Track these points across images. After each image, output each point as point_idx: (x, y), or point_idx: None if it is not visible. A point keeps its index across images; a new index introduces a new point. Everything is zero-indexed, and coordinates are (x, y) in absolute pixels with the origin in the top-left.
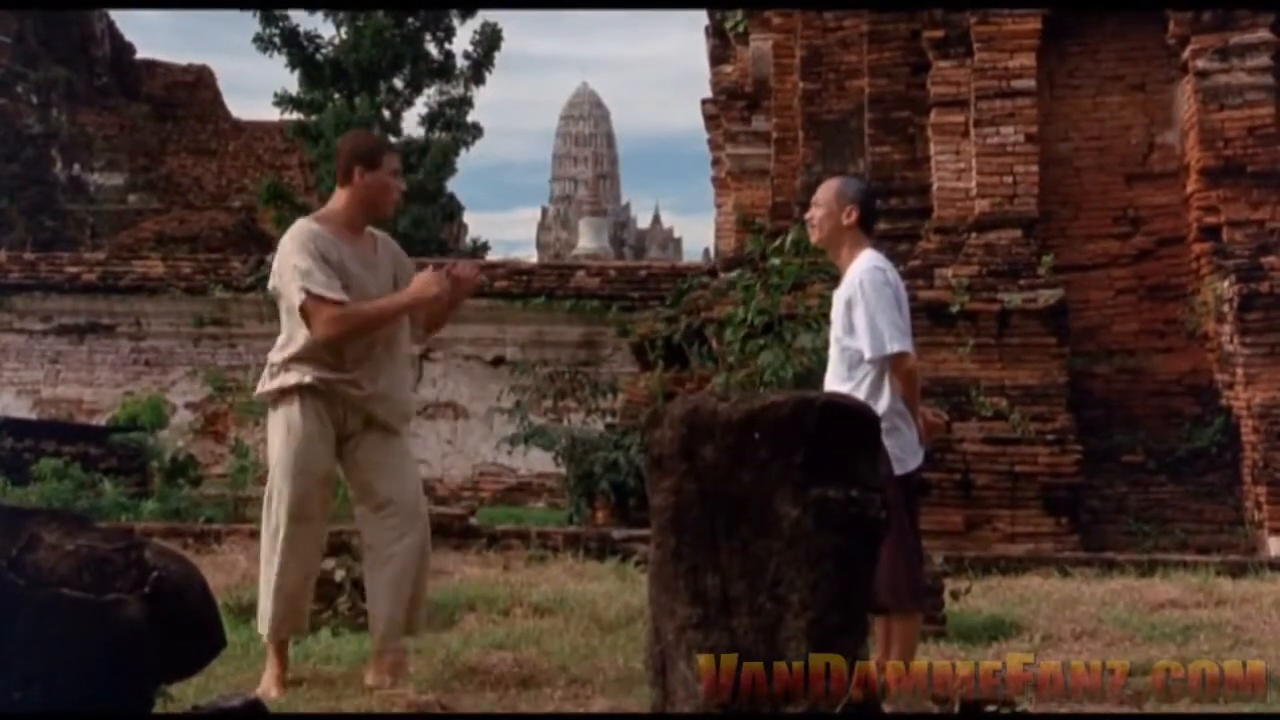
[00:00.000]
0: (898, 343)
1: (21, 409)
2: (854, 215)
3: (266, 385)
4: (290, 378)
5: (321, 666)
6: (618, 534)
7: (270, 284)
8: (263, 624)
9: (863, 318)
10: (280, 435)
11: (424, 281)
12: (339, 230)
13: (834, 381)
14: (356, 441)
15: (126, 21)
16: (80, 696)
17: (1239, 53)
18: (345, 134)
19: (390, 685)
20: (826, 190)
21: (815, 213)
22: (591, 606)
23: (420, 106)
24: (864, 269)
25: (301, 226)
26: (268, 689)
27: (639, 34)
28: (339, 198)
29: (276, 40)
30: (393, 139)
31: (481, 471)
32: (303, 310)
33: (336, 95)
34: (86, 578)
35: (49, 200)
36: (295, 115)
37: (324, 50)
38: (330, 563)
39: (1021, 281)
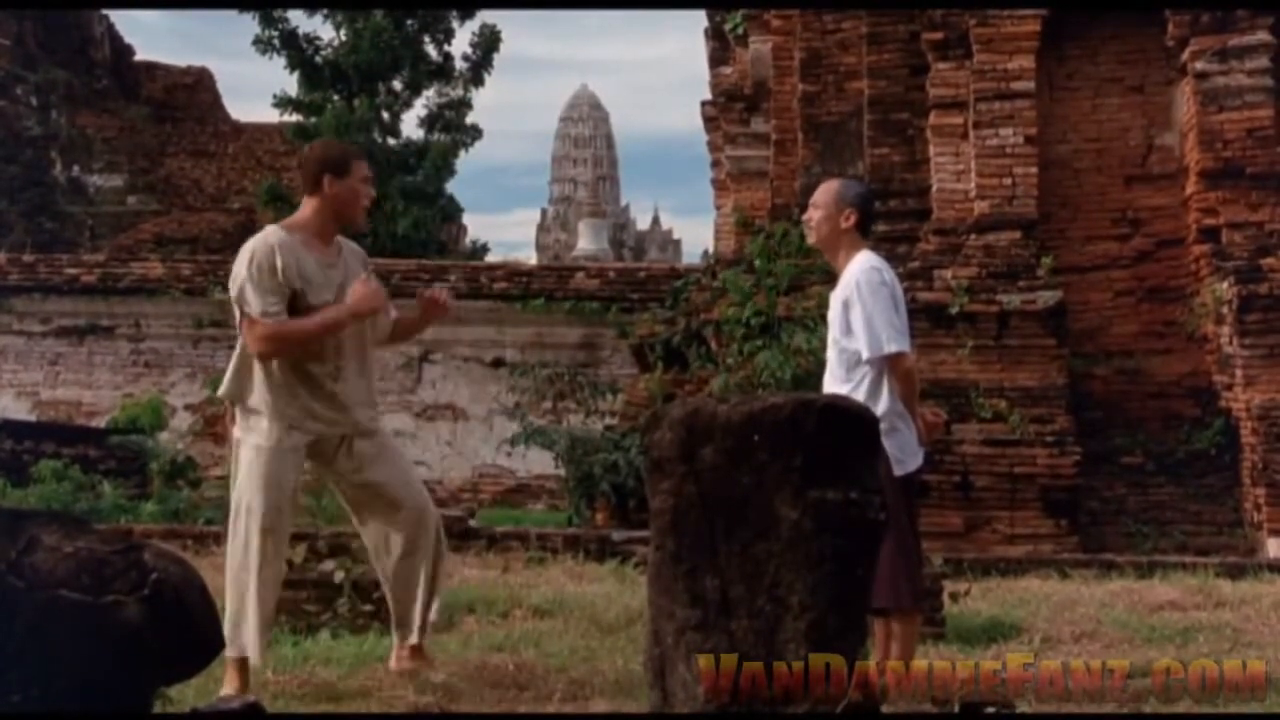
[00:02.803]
0: (895, 343)
1: (21, 411)
2: (852, 219)
3: (238, 421)
4: (260, 420)
5: (320, 669)
6: (617, 536)
7: (230, 291)
8: (234, 647)
9: (860, 318)
10: (250, 452)
11: (362, 295)
12: (308, 239)
13: (832, 383)
14: (344, 451)
15: (126, 23)
16: (80, 698)
17: (1238, 55)
18: (313, 142)
19: (425, 670)
20: (825, 193)
21: (813, 214)
22: (591, 608)
23: (419, 108)
24: (860, 270)
25: (263, 236)
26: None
27: (638, 36)
28: (307, 206)
29: (276, 42)
30: (391, 141)
31: (481, 473)
32: (242, 327)
33: (336, 97)
34: (86, 580)
35: (48, 202)
36: (295, 117)
37: (323, 52)
38: (330, 564)
39: (1021, 283)
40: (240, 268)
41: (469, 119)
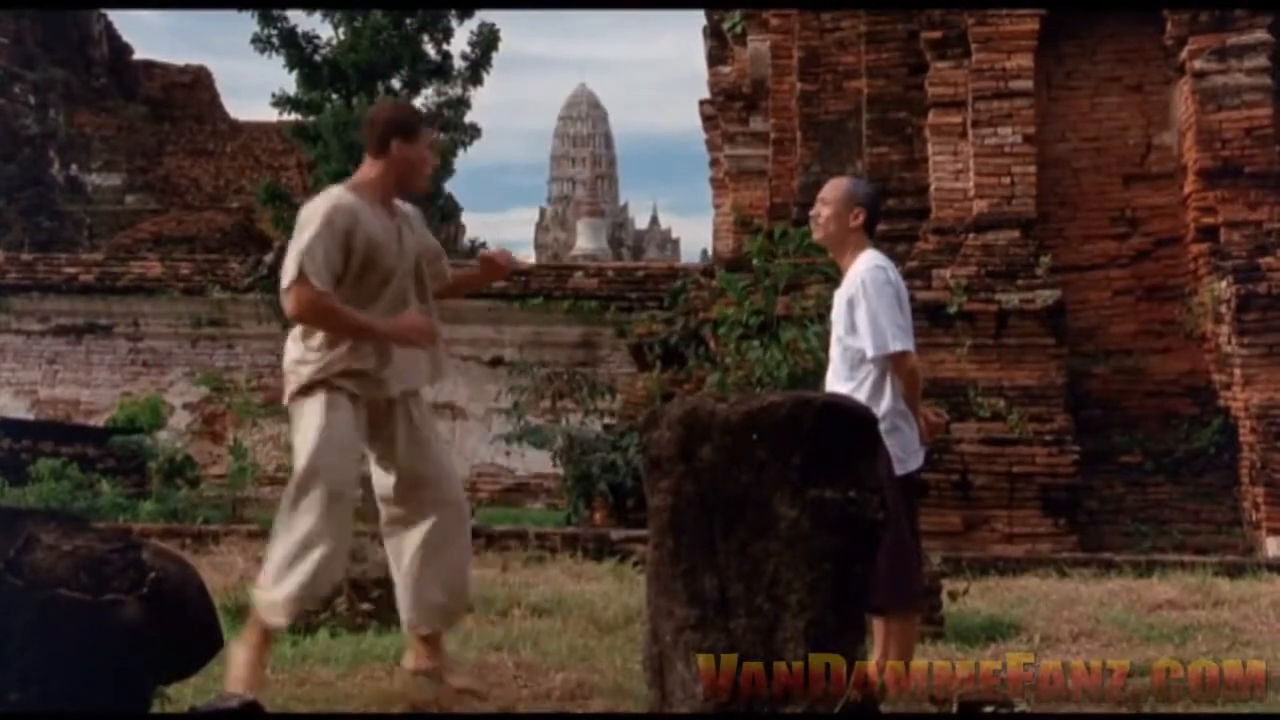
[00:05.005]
0: (900, 341)
1: (19, 409)
2: (860, 218)
3: (294, 384)
4: (314, 373)
5: (319, 668)
6: (616, 535)
7: (290, 248)
8: (276, 609)
9: (865, 317)
10: (314, 419)
11: (412, 326)
12: (372, 202)
13: (835, 381)
14: (386, 419)
15: (124, 22)
16: (78, 696)
17: (1236, 54)
18: (379, 103)
19: (468, 685)
20: (835, 189)
21: (822, 210)
22: (589, 607)
23: (418, 107)
24: (866, 269)
25: (330, 195)
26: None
27: (637, 35)
28: (372, 168)
29: (275, 41)
30: None
31: (480, 472)
32: (291, 282)
33: (334, 96)
34: (84, 578)
35: (46, 201)
36: (293, 116)
37: (322, 51)
38: None
39: (1019, 282)
40: (306, 226)
41: (468, 118)
